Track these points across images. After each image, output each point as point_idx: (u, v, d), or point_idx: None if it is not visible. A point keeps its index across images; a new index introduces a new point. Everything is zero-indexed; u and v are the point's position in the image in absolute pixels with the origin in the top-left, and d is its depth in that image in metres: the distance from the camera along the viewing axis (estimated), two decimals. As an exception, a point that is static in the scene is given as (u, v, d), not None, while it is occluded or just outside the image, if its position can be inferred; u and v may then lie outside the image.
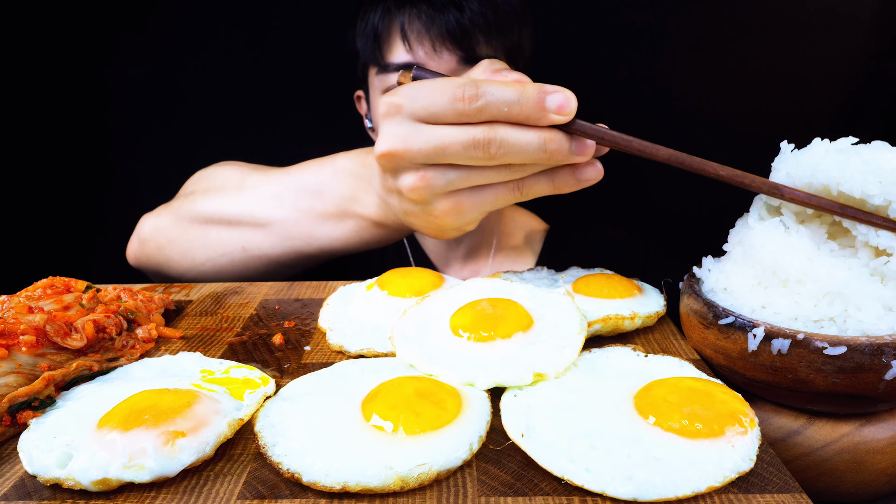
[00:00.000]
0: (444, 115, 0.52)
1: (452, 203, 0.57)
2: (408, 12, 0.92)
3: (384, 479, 0.41)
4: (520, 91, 0.51)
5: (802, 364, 0.53)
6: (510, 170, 0.54)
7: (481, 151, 0.52)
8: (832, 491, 0.57)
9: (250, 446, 0.46)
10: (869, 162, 0.54)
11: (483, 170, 0.54)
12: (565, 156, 0.53)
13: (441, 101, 0.52)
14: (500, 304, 0.60)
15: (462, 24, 0.90)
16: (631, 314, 0.65)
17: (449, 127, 0.53)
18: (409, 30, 0.92)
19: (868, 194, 0.53)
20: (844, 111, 1.31)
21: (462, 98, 0.51)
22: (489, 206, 0.58)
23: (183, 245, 0.85)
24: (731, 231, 0.67)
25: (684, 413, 0.45)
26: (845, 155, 0.56)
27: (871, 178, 0.53)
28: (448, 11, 0.90)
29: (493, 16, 0.92)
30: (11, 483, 0.43)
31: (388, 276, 0.73)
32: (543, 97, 0.50)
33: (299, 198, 0.75)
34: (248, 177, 0.83)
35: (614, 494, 0.40)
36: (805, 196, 0.56)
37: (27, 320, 0.56)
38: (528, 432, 0.46)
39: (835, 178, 0.55)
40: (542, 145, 0.52)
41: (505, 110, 0.51)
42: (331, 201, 0.72)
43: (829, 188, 0.56)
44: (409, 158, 0.54)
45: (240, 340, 0.65)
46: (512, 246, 1.21)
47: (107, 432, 0.43)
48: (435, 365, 0.54)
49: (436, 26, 0.90)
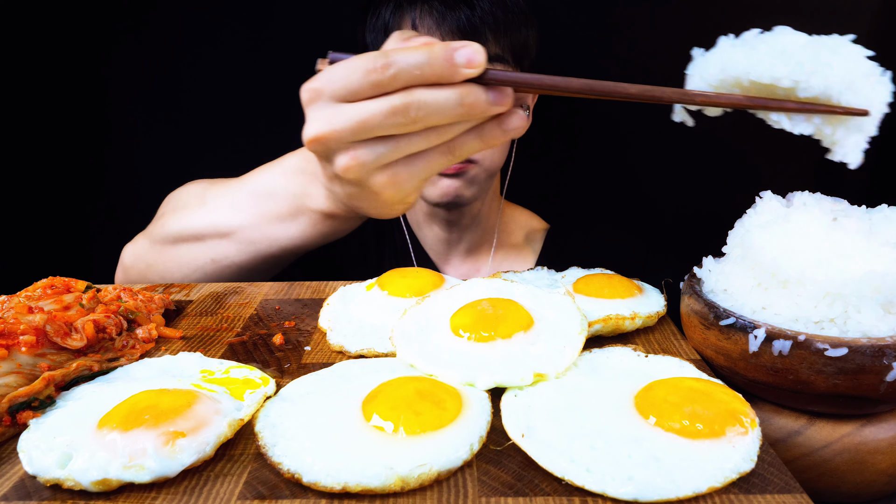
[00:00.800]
0: (361, 91, 0.53)
1: (388, 176, 0.57)
2: (419, 8, 0.93)
3: (384, 480, 0.41)
4: (428, 52, 0.51)
5: (803, 365, 0.53)
6: (437, 132, 0.55)
7: (402, 117, 0.52)
8: (833, 491, 0.57)
9: (250, 446, 0.46)
10: (773, 46, 0.54)
11: (410, 137, 0.55)
12: (485, 107, 0.53)
13: (356, 77, 0.53)
14: (500, 304, 0.60)
15: (472, 21, 0.92)
16: (631, 314, 0.65)
17: (368, 101, 0.53)
18: (420, 25, 0.93)
19: (776, 77, 0.53)
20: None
21: (374, 69, 0.52)
22: (424, 173, 0.58)
23: (160, 267, 0.87)
24: (731, 232, 0.67)
25: (685, 413, 0.45)
26: (751, 44, 0.55)
27: (776, 61, 0.53)
28: (459, 9, 0.92)
29: (502, 14, 0.94)
30: (11, 483, 0.43)
31: (389, 277, 0.73)
32: (451, 53, 0.51)
33: (255, 203, 0.76)
34: (208, 191, 0.85)
35: (615, 495, 0.40)
36: (714, 96, 0.55)
37: (27, 320, 0.55)
38: (528, 432, 0.46)
39: (743, 69, 0.54)
40: (460, 100, 0.52)
41: (417, 73, 0.51)
42: (283, 201, 0.74)
43: (740, 80, 0.55)
44: (337, 139, 0.55)
45: (240, 340, 0.65)
46: (512, 244, 1.21)
47: (107, 432, 0.43)
48: (435, 365, 0.54)
49: (447, 23, 0.92)
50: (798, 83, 0.53)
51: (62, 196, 1.35)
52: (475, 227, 1.15)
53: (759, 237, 0.61)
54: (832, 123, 0.55)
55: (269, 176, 0.77)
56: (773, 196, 0.67)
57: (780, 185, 0.73)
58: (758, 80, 0.54)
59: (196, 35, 1.27)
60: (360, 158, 0.56)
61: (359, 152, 0.55)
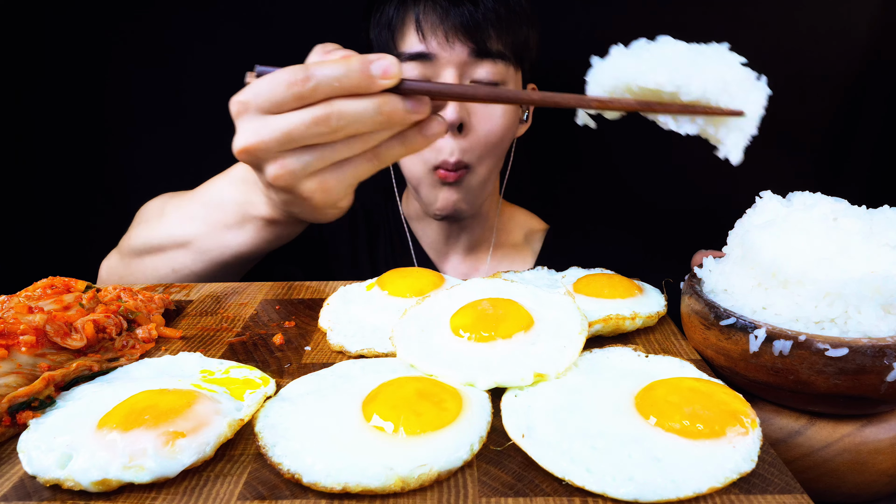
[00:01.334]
0: (285, 102, 0.56)
1: (317, 183, 0.60)
2: (423, 4, 0.95)
3: (385, 480, 0.41)
4: (346, 64, 0.54)
5: (804, 365, 0.53)
6: (361, 140, 0.58)
7: (324, 126, 0.55)
8: (833, 491, 0.57)
9: (250, 447, 0.46)
10: (656, 54, 0.58)
11: (334, 145, 0.58)
12: (403, 115, 0.56)
13: (279, 90, 0.55)
14: (500, 305, 0.60)
15: (475, 17, 0.93)
16: (632, 314, 0.65)
17: (292, 112, 0.56)
18: (423, 21, 0.94)
19: (659, 83, 0.57)
20: (844, 112, 1.31)
21: (296, 82, 0.55)
22: (352, 179, 0.61)
23: (130, 279, 0.89)
24: (731, 232, 0.67)
25: (685, 413, 0.45)
26: (637, 52, 0.59)
27: (659, 68, 0.57)
28: (463, 5, 0.93)
29: (505, 12, 0.95)
30: (11, 483, 0.43)
31: (389, 276, 0.73)
32: (368, 65, 0.54)
33: (206, 213, 0.78)
34: (166, 204, 0.87)
35: (615, 495, 0.40)
36: (608, 100, 0.59)
37: (27, 320, 0.55)
38: (528, 433, 0.46)
39: (632, 75, 0.58)
40: (378, 108, 0.55)
41: (336, 85, 0.54)
42: (231, 210, 0.76)
43: (630, 85, 0.58)
44: (265, 149, 0.58)
45: (240, 340, 0.65)
46: (511, 244, 1.21)
47: (107, 432, 0.43)
48: (435, 365, 0.53)
49: (450, 19, 0.93)
50: (679, 88, 0.57)
51: (62, 196, 1.35)
52: (474, 225, 1.15)
53: (759, 237, 0.61)
54: (714, 124, 0.59)
55: (218, 186, 0.79)
56: (773, 196, 0.67)
57: (780, 185, 0.73)
58: (644, 86, 0.58)
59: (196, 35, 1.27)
60: (288, 167, 0.58)
61: (286, 161, 0.58)
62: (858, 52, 1.27)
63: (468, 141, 0.98)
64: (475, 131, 0.98)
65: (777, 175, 1.34)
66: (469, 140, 0.98)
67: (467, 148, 0.98)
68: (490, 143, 1.00)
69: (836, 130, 1.33)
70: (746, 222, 0.66)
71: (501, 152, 1.05)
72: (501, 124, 1.00)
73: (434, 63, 0.95)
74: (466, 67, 0.96)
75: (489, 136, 0.99)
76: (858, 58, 1.27)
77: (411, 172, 1.04)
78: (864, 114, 1.31)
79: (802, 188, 0.67)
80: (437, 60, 0.95)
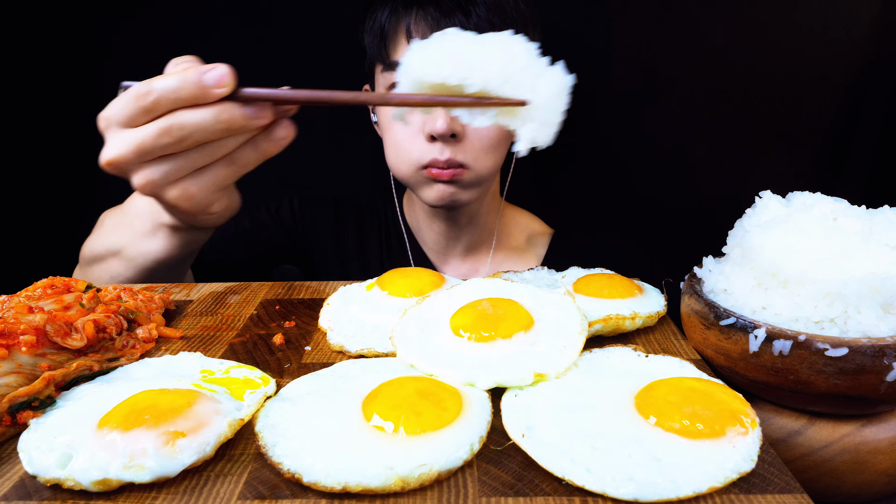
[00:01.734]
0: (135, 117, 0.59)
1: (179, 191, 0.63)
2: (415, 13, 0.94)
3: (385, 480, 0.41)
4: (182, 77, 0.57)
5: (804, 365, 0.53)
6: (212, 148, 0.61)
7: (168, 137, 0.58)
8: (833, 491, 0.57)
9: (251, 447, 0.46)
10: (440, 48, 0.59)
11: (187, 154, 0.61)
12: (243, 122, 0.59)
13: (130, 105, 0.59)
14: (500, 304, 0.60)
15: (466, 27, 0.92)
16: (632, 314, 0.65)
17: (140, 127, 0.59)
18: (414, 30, 0.93)
19: (444, 76, 0.58)
20: (844, 111, 1.31)
21: (140, 96, 0.58)
22: (213, 185, 0.64)
23: None
24: (730, 232, 0.67)
25: (685, 413, 0.45)
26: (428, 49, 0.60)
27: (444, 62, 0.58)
28: (454, 15, 0.92)
29: (498, 20, 0.94)
30: (11, 483, 0.43)
31: (389, 276, 0.73)
32: (201, 76, 0.57)
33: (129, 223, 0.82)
34: (105, 216, 0.91)
35: (615, 495, 0.40)
36: (407, 96, 0.61)
37: (27, 320, 0.55)
38: (528, 432, 0.46)
39: (421, 71, 0.59)
40: (216, 117, 0.58)
41: (174, 97, 0.57)
42: (146, 219, 0.79)
43: (422, 81, 0.60)
44: (125, 162, 0.61)
45: (240, 340, 0.65)
46: (512, 246, 1.21)
47: (107, 432, 0.43)
48: (435, 365, 0.53)
49: (440, 28, 0.91)
50: (462, 80, 0.58)
51: (62, 196, 1.35)
52: (473, 226, 1.15)
53: (758, 237, 0.61)
54: (507, 115, 0.60)
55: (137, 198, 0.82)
56: (772, 196, 0.67)
57: (780, 185, 0.73)
58: (433, 81, 0.59)
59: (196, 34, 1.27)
60: (148, 177, 0.62)
61: (146, 172, 0.61)
62: (858, 52, 1.27)
63: (462, 146, 0.97)
64: (468, 138, 0.98)
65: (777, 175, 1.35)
66: (463, 145, 0.97)
67: (460, 151, 0.98)
68: (485, 147, 0.99)
69: (836, 130, 1.33)
70: (746, 222, 0.66)
71: (499, 155, 1.04)
72: (496, 130, 0.99)
73: None
74: None
75: (484, 140, 0.98)
76: (858, 58, 1.27)
77: (398, 172, 1.04)
78: (864, 114, 1.31)
79: (802, 188, 0.67)
80: None
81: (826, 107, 1.31)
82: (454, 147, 0.97)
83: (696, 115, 1.32)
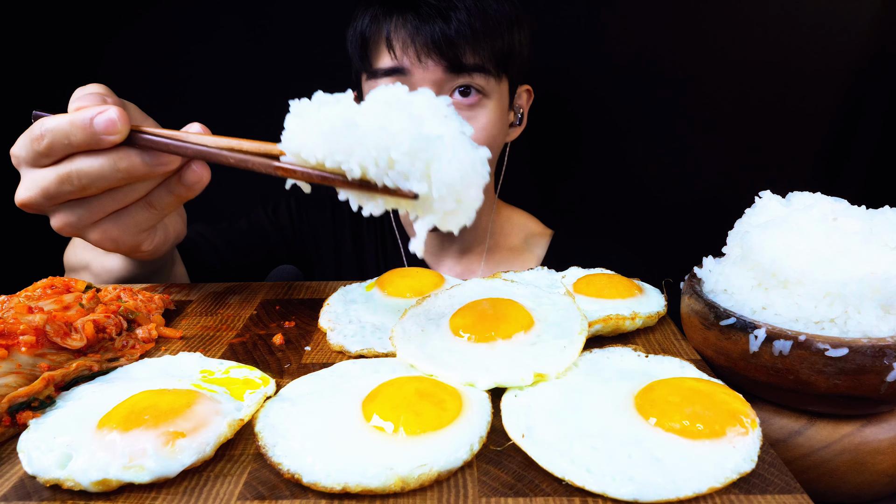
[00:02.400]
0: (35, 159, 0.55)
1: (99, 232, 0.60)
2: (395, 20, 0.93)
3: (385, 480, 0.41)
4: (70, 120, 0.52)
5: (804, 365, 0.53)
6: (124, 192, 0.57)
7: (69, 184, 0.54)
8: (833, 491, 0.57)
9: (250, 447, 0.46)
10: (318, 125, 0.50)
11: (99, 198, 0.57)
12: (144, 169, 0.55)
13: (26, 147, 0.54)
14: (500, 305, 0.60)
15: (447, 34, 0.91)
16: (632, 314, 0.65)
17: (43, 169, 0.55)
18: (394, 38, 0.93)
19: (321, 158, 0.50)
20: (844, 111, 1.31)
21: (34, 138, 0.53)
22: (134, 227, 0.61)
23: None
24: (730, 233, 0.67)
25: (685, 413, 0.45)
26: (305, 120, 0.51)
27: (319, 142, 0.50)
28: (434, 22, 0.91)
29: (480, 25, 0.93)
30: (11, 483, 0.43)
31: (389, 277, 0.73)
32: (90, 121, 0.52)
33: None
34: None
35: (615, 495, 0.40)
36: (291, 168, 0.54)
37: (27, 320, 0.55)
38: (528, 433, 0.46)
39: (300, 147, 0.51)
40: (115, 165, 0.53)
41: (66, 142, 0.53)
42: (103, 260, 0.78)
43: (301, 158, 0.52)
44: (36, 205, 0.57)
45: (240, 340, 0.65)
46: (508, 247, 1.20)
47: (107, 433, 0.43)
48: (435, 365, 0.53)
49: (421, 36, 0.92)
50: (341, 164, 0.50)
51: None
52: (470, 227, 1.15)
53: (758, 237, 0.61)
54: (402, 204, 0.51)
55: None
56: (771, 196, 0.67)
57: (780, 185, 0.73)
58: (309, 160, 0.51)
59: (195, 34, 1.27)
60: (64, 220, 0.58)
61: (62, 215, 0.58)
62: (859, 52, 1.27)
63: None
64: None
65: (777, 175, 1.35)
66: None
67: None
68: None
69: (836, 130, 1.33)
70: (746, 222, 0.66)
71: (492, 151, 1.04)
72: (485, 137, 0.99)
73: (410, 77, 0.94)
74: (443, 83, 0.94)
75: None
76: (858, 57, 1.27)
77: None
78: (865, 113, 1.31)
79: (802, 188, 0.67)
80: (412, 76, 0.94)
81: (826, 107, 1.31)
82: None
83: (696, 114, 1.32)
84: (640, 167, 1.37)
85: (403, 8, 0.93)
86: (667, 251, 1.29)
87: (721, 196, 1.34)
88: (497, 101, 1.00)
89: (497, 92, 1.00)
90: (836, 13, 1.25)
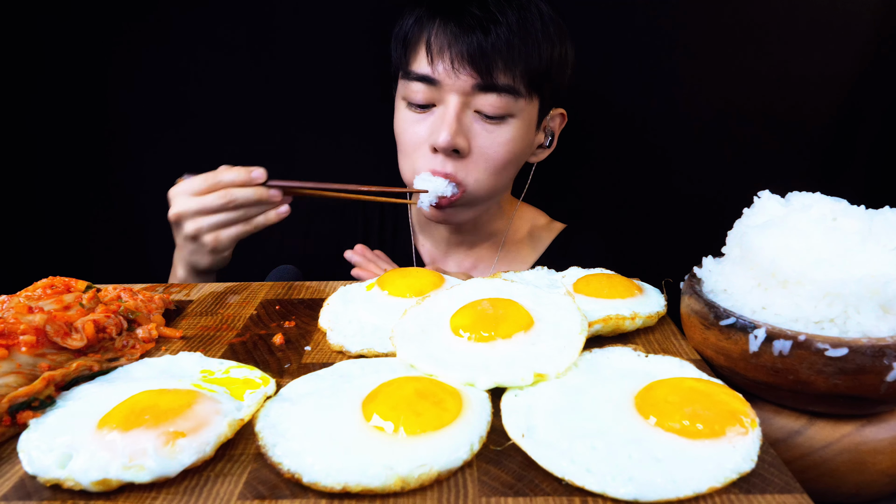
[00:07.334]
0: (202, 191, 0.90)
1: (213, 236, 0.91)
2: (436, 26, 0.94)
3: (385, 480, 0.41)
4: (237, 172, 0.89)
5: (804, 365, 0.53)
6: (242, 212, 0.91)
7: (223, 200, 0.89)
8: (833, 491, 0.57)
9: (251, 447, 0.46)
10: None
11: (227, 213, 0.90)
12: (268, 198, 0.90)
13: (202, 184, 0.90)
14: (500, 304, 0.60)
15: (483, 47, 0.91)
16: (631, 314, 0.65)
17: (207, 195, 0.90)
18: (434, 42, 0.93)
19: None
20: (844, 111, 1.31)
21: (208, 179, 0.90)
22: (235, 235, 0.92)
23: None
24: (729, 233, 0.67)
25: (685, 413, 0.45)
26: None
27: None
28: (474, 33, 0.91)
29: (519, 42, 0.92)
30: (11, 483, 0.43)
31: (389, 276, 0.73)
32: (249, 173, 0.89)
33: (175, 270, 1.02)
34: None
35: (615, 495, 0.40)
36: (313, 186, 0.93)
37: (27, 320, 0.55)
38: (528, 433, 0.46)
39: None
40: (255, 194, 0.90)
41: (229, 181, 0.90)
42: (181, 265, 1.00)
43: None
44: (186, 215, 0.90)
45: (240, 340, 0.65)
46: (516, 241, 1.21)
47: (107, 432, 0.43)
48: (435, 365, 0.53)
49: (457, 45, 0.92)
50: None
51: (62, 196, 1.35)
52: (478, 230, 1.15)
53: (758, 237, 0.61)
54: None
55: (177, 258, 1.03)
56: (771, 196, 0.67)
57: (780, 185, 0.73)
58: None
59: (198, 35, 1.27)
60: (198, 223, 0.90)
61: (197, 220, 0.90)
62: (859, 52, 1.27)
63: (465, 163, 0.97)
64: (474, 155, 0.97)
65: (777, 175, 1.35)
66: (466, 162, 0.97)
67: (462, 168, 0.97)
68: (491, 168, 0.98)
69: (836, 130, 1.33)
70: (745, 222, 0.66)
71: (507, 176, 1.04)
72: (504, 154, 0.98)
73: (439, 88, 0.94)
74: (469, 97, 0.94)
75: (490, 161, 0.97)
76: (859, 58, 1.27)
77: (403, 176, 1.06)
78: (865, 114, 1.31)
79: (802, 188, 0.67)
80: (442, 86, 0.94)
81: (826, 107, 1.31)
82: (457, 163, 0.97)
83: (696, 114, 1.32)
84: (640, 167, 1.37)
85: (447, 14, 0.93)
86: (667, 251, 1.29)
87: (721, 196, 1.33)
88: (522, 120, 0.99)
89: (525, 111, 0.98)
90: (837, 15, 1.25)
